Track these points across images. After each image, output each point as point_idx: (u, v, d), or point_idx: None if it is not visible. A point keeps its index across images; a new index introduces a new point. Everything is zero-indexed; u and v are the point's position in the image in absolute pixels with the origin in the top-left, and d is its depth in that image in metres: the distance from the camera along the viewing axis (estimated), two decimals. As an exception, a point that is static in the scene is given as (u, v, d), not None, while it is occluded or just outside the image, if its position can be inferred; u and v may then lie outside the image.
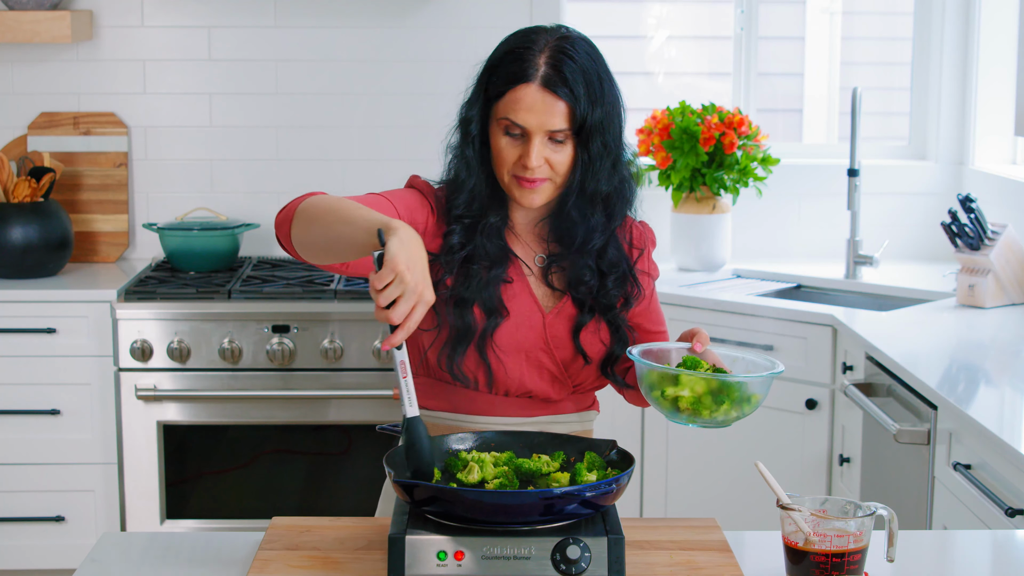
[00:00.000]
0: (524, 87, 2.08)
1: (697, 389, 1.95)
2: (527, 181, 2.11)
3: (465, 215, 2.16)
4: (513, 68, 2.10)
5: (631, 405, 2.68)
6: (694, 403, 1.95)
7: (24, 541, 3.93)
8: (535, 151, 2.09)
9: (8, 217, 3.99)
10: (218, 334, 3.84)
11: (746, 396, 1.96)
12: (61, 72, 4.32)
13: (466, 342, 2.14)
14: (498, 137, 2.12)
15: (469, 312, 2.13)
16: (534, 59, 2.09)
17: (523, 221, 2.22)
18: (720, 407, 1.95)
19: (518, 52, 2.11)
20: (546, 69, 2.08)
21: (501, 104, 2.10)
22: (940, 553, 2.04)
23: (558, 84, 2.08)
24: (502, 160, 2.12)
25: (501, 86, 2.10)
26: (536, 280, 2.21)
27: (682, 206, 4.25)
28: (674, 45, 4.75)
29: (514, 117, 2.09)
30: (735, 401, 1.95)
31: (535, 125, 2.08)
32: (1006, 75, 4.25)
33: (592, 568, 1.77)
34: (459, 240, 2.15)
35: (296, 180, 4.39)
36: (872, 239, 4.30)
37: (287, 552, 1.92)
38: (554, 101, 2.08)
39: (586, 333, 2.19)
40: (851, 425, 3.51)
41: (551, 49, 2.10)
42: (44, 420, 3.90)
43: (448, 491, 1.78)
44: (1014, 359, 3.17)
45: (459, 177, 2.17)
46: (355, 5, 4.32)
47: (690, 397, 1.95)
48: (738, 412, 1.97)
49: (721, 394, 1.95)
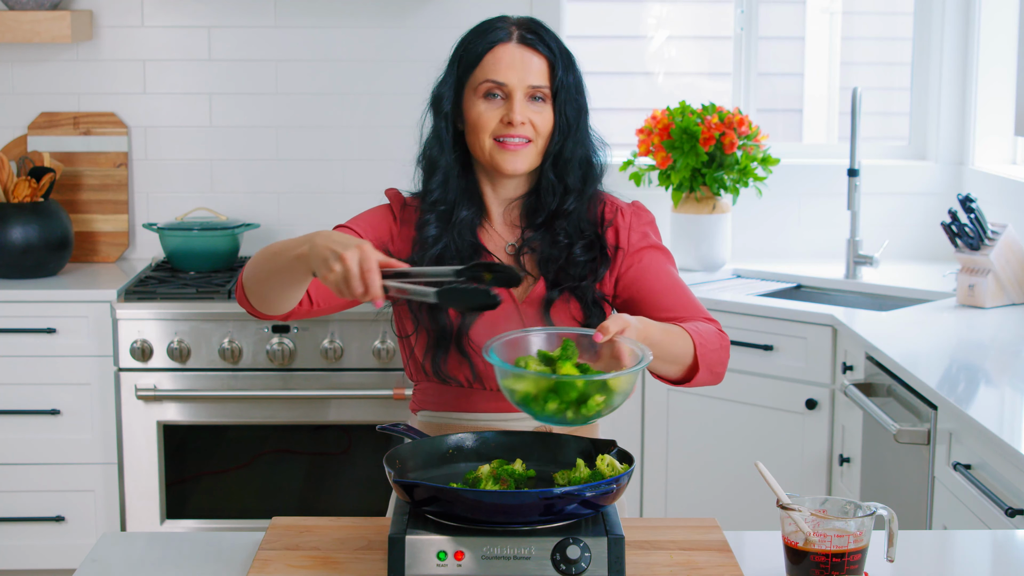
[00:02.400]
0: (502, 46, 2.16)
1: (533, 384, 1.86)
2: (511, 143, 2.14)
3: (440, 201, 2.18)
4: (487, 34, 2.17)
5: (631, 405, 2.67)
6: (524, 398, 1.88)
7: (24, 541, 3.94)
8: (518, 107, 2.14)
9: (8, 217, 3.99)
10: (218, 334, 3.84)
11: (583, 397, 1.85)
12: (61, 72, 4.32)
13: (446, 343, 2.16)
14: (476, 105, 2.16)
15: (443, 313, 2.16)
16: (505, 25, 2.18)
17: (498, 211, 2.24)
18: (548, 405, 1.85)
19: (487, 24, 2.20)
20: (520, 31, 2.18)
21: (478, 70, 2.16)
22: (940, 553, 2.04)
23: (535, 41, 2.17)
24: (483, 125, 2.15)
25: (477, 51, 2.16)
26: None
27: (682, 206, 4.25)
28: (674, 45, 4.75)
29: (494, 76, 2.14)
30: (568, 401, 1.85)
31: (516, 81, 2.14)
32: (1006, 75, 4.25)
33: (592, 568, 1.77)
34: (435, 232, 2.17)
35: (296, 180, 4.39)
36: (872, 239, 4.30)
37: (287, 552, 1.92)
38: (532, 55, 2.15)
39: (556, 310, 2.19)
40: (851, 425, 3.51)
41: (519, 20, 2.21)
42: (44, 420, 3.90)
43: (448, 491, 1.78)
44: (1014, 359, 3.17)
45: (432, 155, 2.20)
46: (355, 5, 4.32)
47: (521, 392, 1.87)
48: (575, 413, 1.86)
49: (552, 392, 1.86)
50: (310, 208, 4.39)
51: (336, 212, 4.29)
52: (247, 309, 2.14)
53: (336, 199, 4.37)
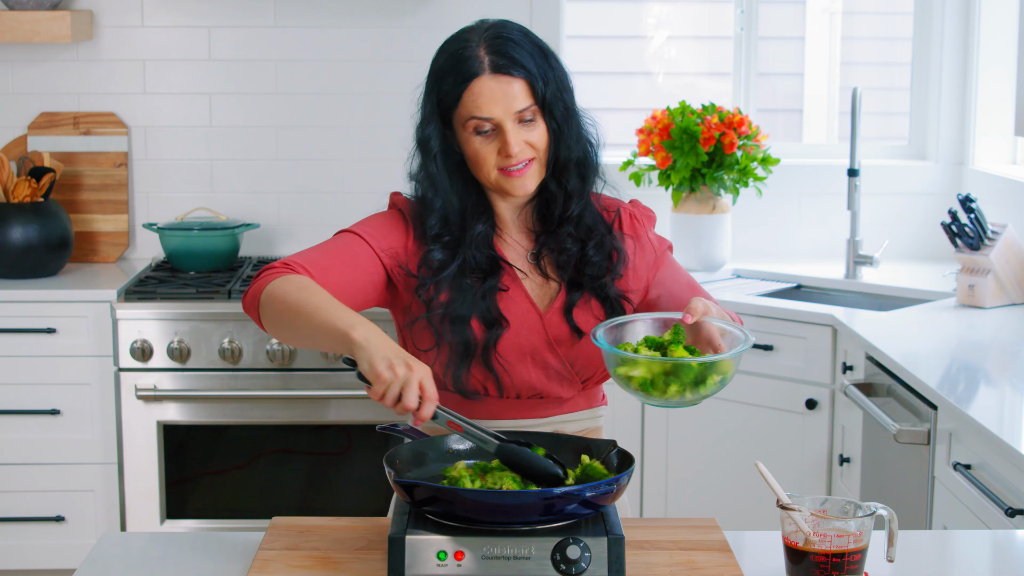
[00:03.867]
0: (476, 81, 2.09)
1: (647, 370, 1.92)
2: (515, 170, 2.12)
3: (443, 233, 2.16)
4: (459, 69, 2.10)
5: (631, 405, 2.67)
6: (643, 384, 1.92)
7: (24, 541, 3.94)
8: (512, 138, 2.10)
9: (8, 217, 3.99)
10: (218, 334, 3.84)
11: (701, 377, 1.91)
12: (61, 72, 4.32)
13: (469, 357, 2.13)
14: (470, 141, 2.12)
15: (467, 327, 2.12)
16: (474, 53, 2.11)
17: (511, 217, 2.22)
18: (669, 388, 1.91)
19: (456, 54, 2.12)
20: (490, 57, 2.10)
21: (461, 108, 2.11)
22: (940, 553, 2.04)
23: (507, 66, 2.10)
24: (482, 161, 2.12)
25: (454, 91, 2.11)
26: (531, 279, 2.20)
27: (682, 206, 4.25)
28: (674, 45, 4.75)
29: (479, 112, 2.09)
30: (687, 383, 1.91)
31: (501, 113, 2.09)
32: (1006, 75, 4.25)
33: (592, 568, 1.77)
34: (440, 257, 2.14)
35: (296, 180, 4.39)
36: (872, 239, 4.30)
37: (287, 552, 1.92)
38: (510, 82, 2.09)
39: (578, 312, 2.18)
40: (851, 425, 3.51)
41: (486, 39, 2.12)
42: (44, 420, 3.90)
43: (448, 491, 1.78)
44: (1014, 359, 3.17)
45: (427, 197, 2.16)
46: (355, 5, 4.32)
47: (639, 378, 1.92)
48: (693, 393, 1.92)
49: (671, 376, 1.91)
50: (310, 208, 4.39)
51: (336, 212, 4.30)
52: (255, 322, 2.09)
53: (336, 199, 4.37)
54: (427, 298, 2.13)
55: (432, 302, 2.13)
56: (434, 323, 2.14)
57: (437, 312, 2.13)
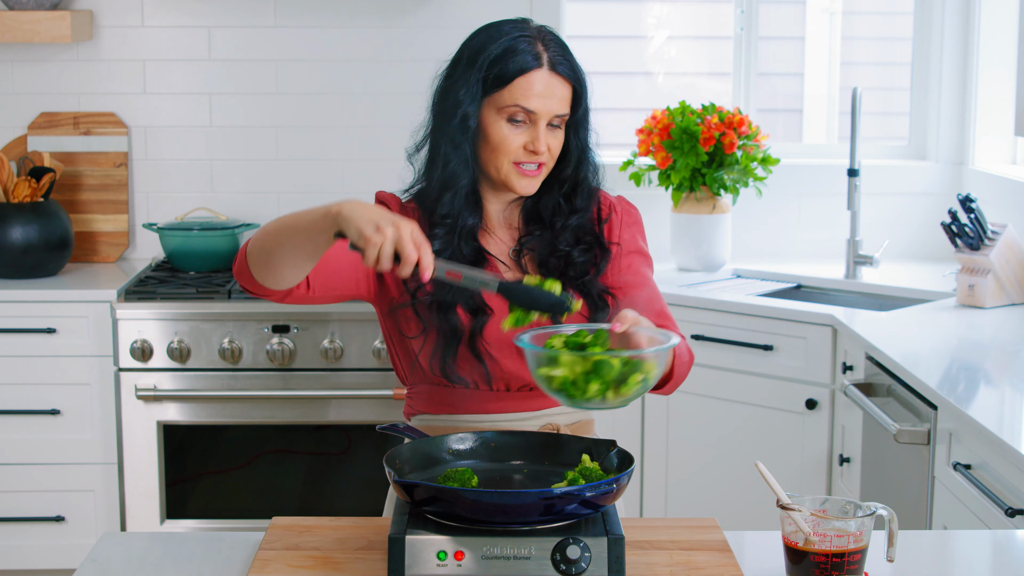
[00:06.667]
0: (535, 73, 2.12)
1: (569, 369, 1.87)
2: (530, 170, 2.14)
3: (448, 215, 2.17)
4: (516, 55, 2.12)
5: (632, 405, 2.67)
6: (563, 383, 1.88)
7: (24, 541, 3.94)
8: (543, 135, 2.13)
9: (8, 217, 3.99)
10: (218, 334, 3.84)
11: (622, 377, 1.86)
12: (61, 72, 4.32)
13: (456, 343, 2.15)
14: (498, 127, 2.14)
15: (453, 314, 2.15)
16: (533, 46, 2.13)
17: (497, 215, 2.24)
18: (590, 387, 1.86)
19: (513, 41, 2.14)
20: (549, 54, 2.14)
21: (506, 92, 2.12)
22: (940, 553, 2.04)
23: (565, 68, 2.14)
24: (505, 148, 2.14)
25: (505, 75, 2.12)
26: (512, 273, 2.22)
27: (682, 206, 4.25)
28: (674, 45, 4.75)
29: (525, 103, 2.12)
30: (609, 382, 1.86)
31: (545, 110, 2.12)
32: (1006, 75, 4.25)
33: (592, 568, 1.77)
34: (439, 246, 2.16)
35: (296, 180, 4.39)
36: (872, 239, 4.30)
37: (287, 552, 1.92)
38: (560, 83, 2.13)
39: None
40: (851, 425, 3.51)
41: (542, 36, 2.16)
42: (44, 420, 3.90)
43: (448, 491, 1.78)
44: (1014, 359, 3.17)
45: (455, 175, 2.16)
46: (355, 5, 4.32)
47: (560, 377, 1.88)
48: (615, 394, 1.87)
49: (591, 374, 1.87)
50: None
51: (336, 212, 4.29)
52: (244, 283, 2.08)
53: (336, 199, 4.36)
54: (414, 287, 2.15)
55: (418, 291, 2.15)
56: (420, 311, 2.16)
57: (423, 300, 2.15)
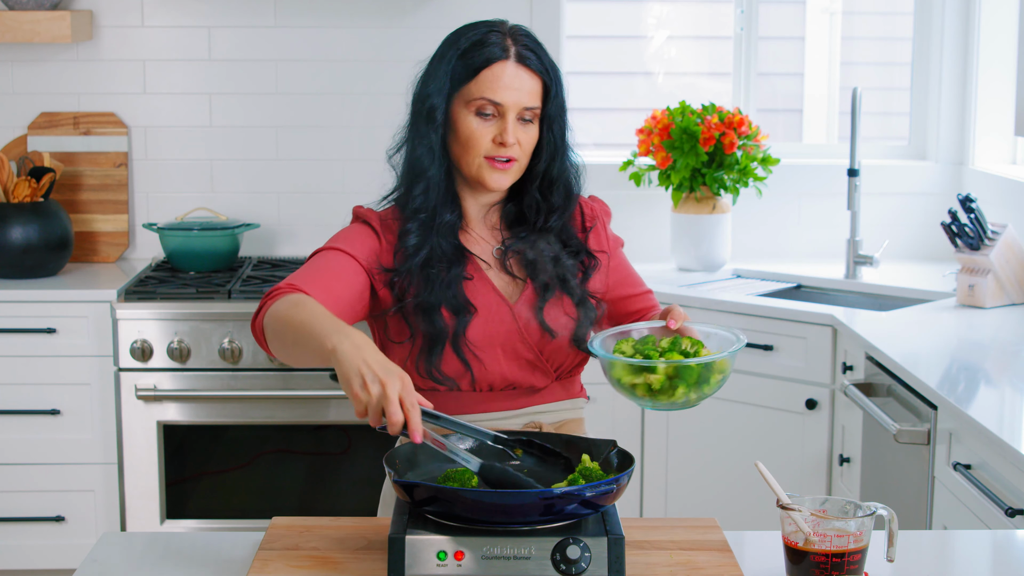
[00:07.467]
0: (500, 64, 2.14)
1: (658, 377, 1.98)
2: (501, 162, 2.16)
3: (421, 209, 2.18)
4: (483, 48, 2.15)
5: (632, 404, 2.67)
6: (648, 389, 1.99)
7: (24, 541, 3.94)
8: (511, 128, 2.15)
9: (8, 217, 3.99)
10: (218, 334, 3.84)
11: (704, 377, 1.98)
12: (61, 72, 4.32)
13: (440, 345, 2.16)
14: (467, 121, 2.16)
15: (437, 315, 2.15)
16: (502, 40, 2.16)
17: (477, 215, 2.25)
18: (676, 391, 1.98)
19: (483, 36, 2.17)
20: (516, 48, 2.16)
21: (473, 85, 2.15)
22: (940, 553, 2.04)
23: (532, 61, 2.16)
24: (475, 142, 2.15)
25: (472, 67, 2.15)
26: (496, 272, 2.23)
27: (682, 206, 4.25)
28: (674, 45, 4.75)
29: (491, 95, 2.14)
30: (692, 384, 1.98)
31: (512, 102, 2.14)
32: (1006, 75, 4.25)
33: (592, 568, 1.77)
34: (416, 241, 2.17)
35: (296, 180, 4.39)
36: (872, 239, 4.30)
37: (287, 552, 1.92)
38: (528, 75, 2.15)
39: (550, 309, 2.20)
40: (851, 425, 3.51)
41: (512, 32, 2.19)
42: (44, 420, 3.90)
43: (448, 491, 1.78)
44: (1014, 359, 3.17)
45: (422, 166, 2.18)
46: (355, 5, 4.32)
47: (644, 384, 1.98)
48: (697, 393, 1.99)
49: (676, 378, 1.97)
50: (310, 208, 4.39)
51: (336, 212, 4.29)
52: (263, 349, 2.10)
53: (336, 199, 4.37)
54: (400, 290, 2.16)
55: (404, 294, 2.16)
56: (406, 314, 2.17)
57: (408, 303, 2.16)
